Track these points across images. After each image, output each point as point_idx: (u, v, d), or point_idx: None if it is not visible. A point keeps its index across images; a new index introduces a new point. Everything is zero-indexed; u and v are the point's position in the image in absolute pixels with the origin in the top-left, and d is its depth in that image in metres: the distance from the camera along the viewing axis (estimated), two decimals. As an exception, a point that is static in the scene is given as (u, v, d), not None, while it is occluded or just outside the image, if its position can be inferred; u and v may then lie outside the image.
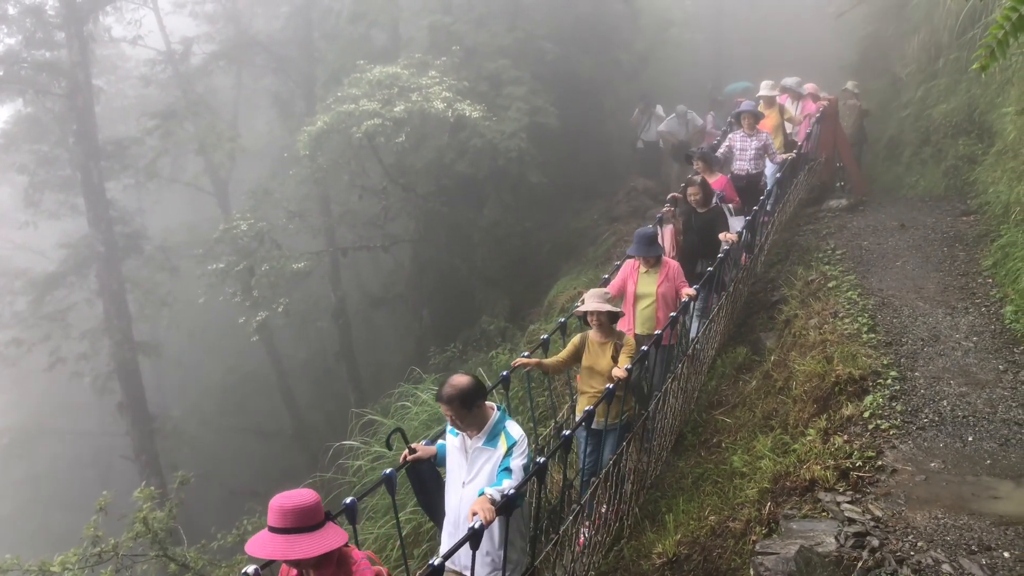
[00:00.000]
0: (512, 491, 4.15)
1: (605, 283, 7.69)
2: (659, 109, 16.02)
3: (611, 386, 5.55)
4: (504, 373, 5.91)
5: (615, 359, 6.02)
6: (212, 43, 22.81)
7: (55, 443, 27.75)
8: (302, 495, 3.20)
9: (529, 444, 4.54)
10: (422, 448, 4.69)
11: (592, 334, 6.23)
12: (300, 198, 19.66)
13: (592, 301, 6.17)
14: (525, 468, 4.34)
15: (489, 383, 6.37)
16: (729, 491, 6.16)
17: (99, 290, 19.32)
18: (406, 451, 4.64)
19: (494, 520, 3.97)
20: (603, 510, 5.93)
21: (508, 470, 4.27)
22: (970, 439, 5.56)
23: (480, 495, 4.09)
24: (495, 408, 4.51)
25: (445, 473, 4.69)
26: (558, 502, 5.74)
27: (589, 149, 18.78)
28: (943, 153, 12.49)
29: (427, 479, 4.75)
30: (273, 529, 3.15)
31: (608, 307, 6.12)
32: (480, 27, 16.88)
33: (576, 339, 6.33)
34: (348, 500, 4.03)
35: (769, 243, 10.52)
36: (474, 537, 3.74)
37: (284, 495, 3.20)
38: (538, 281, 15.95)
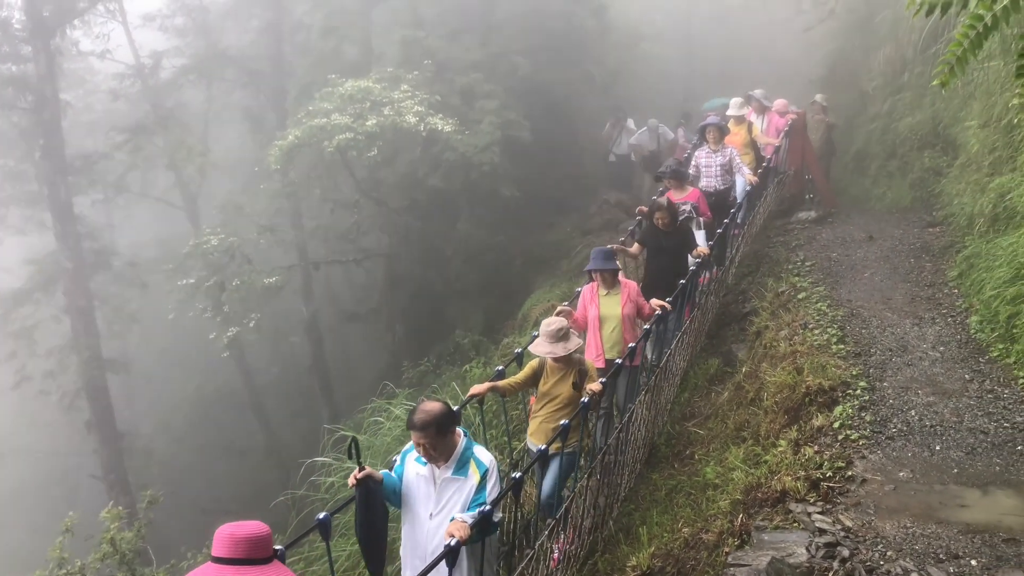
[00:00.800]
0: (488, 507, 4.10)
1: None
2: (630, 123, 16.14)
3: (585, 399, 5.43)
4: (456, 407, 5.58)
5: (576, 386, 5.84)
6: (182, 57, 22.62)
7: (21, 463, 27.19)
8: (256, 524, 2.98)
9: (501, 462, 4.46)
10: (371, 469, 4.24)
11: (550, 361, 6.00)
12: (271, 212, 19.51)
13: (544, 344, 5.88)
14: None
15: (462, 397, 6.27)
16: (702, 503, 6.17)
17: (66, 307, 19.00)
18: (356, 469, 4.20)
19: (468, 537, 3.88)
20: (560, 541, 5.74)
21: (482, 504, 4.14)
22: (938, 448, 5.62)
23: (452, 520, 4.01)
24: (461, 434, 4.36)
25: (400, 506, 4.45)
26: (532, 516, 5.71)
27: (562, 162, 18.85)
28: (909, 166, 12.70)
29: (375, 505, 4.29)
30: (220, 560, 2.89)
31: (560, 351, 5.82)
32: (452, 41, 16.94)
33: (535, 362, 6.12)
34: (321, 515, 3.97)
35: (740, 255, 10.61)
36: (451, 554, 3.65)
37: (235, 524, 2.97)
38: (512, 294, 15.95)
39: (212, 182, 23.24)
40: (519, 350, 6.59)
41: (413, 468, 4.39)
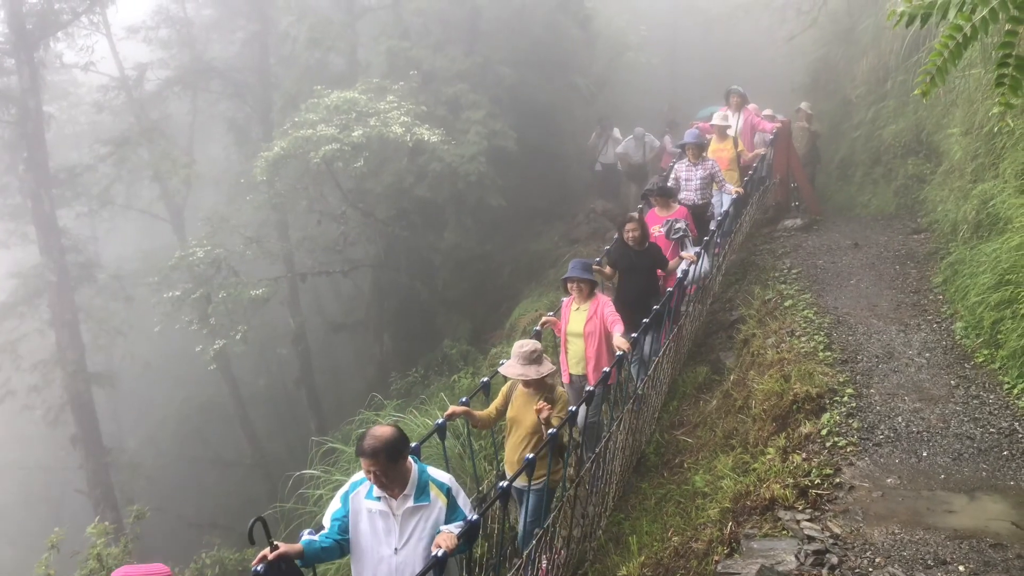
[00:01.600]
0: (476, 517, 4.06)
1: (537, 336, 7.02)
2: (616, 132, 16.19)
3: (552, 430, 5.18)
4: (440, 420, 5.54)
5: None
6: (167, 69, 22.59)
7: (5, 478, 26.97)
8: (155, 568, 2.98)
9: (469, 493, 4.32)
10: (286, 545, 3.81)
11: (521, 384, 5.76)
12: (258, 224, 19.47)
13: (515, 366, 5.60)
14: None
15: (439, 416, 6.01)
16: (691, 511, 6.17)
17: (51, 320, 18.87)
18: (267, 549, 3.77)
19: (455, 548, 3.84)
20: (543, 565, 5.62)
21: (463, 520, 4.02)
22: (925, 454, 5.65)
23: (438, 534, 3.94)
24: (411, 461, 4.07)
25: (348, 552, 4.11)
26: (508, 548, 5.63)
27: (548, 172, 18.90)
28: (893, 173, 12.80)
29: None
30: None
31: (532, 374, 5.54)
32: (438, 52, 16.96)
33: (506, 386, 5.90)
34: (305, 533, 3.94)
35: (726, 263, 10.65)
36: (437, 565, 3.63)
37: (131, 566, 3.00)
38: (499, 304, 15.97)
39: (197, 194, 23.19)
40: (485, 379, 6.28)
41: (364, 505, 4.05)
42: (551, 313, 7.48)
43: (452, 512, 4.03)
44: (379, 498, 3.99)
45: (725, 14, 22.32)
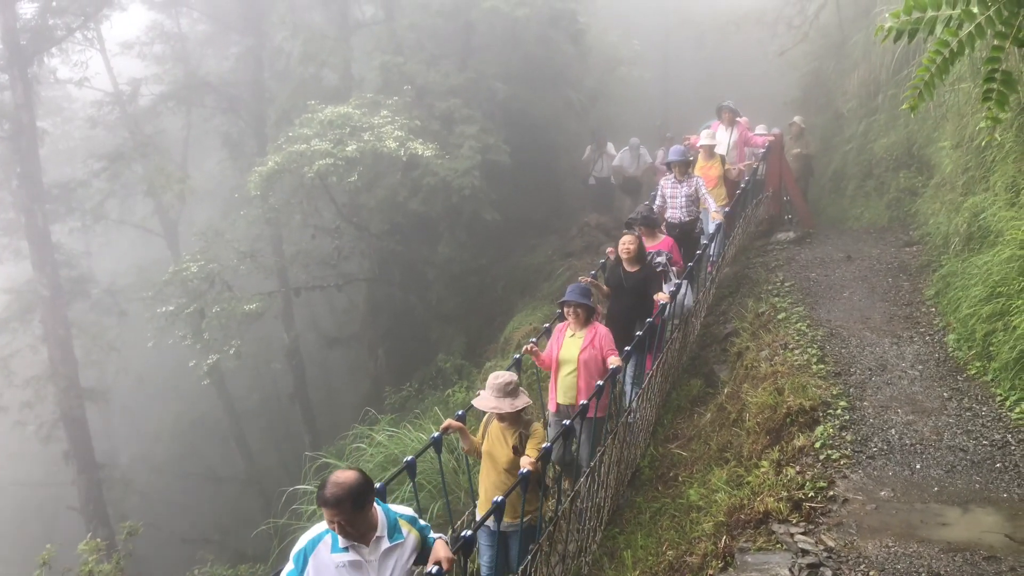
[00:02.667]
0: (472, 532, 4.03)
1: (518, 364, 6.90)
2: (610, 147, 16.26)
3: (526, 469, 4.90)
4: (435, 434, 5.41)
5: (517, 450, 5.28)
6: (161, 84, 22.61)
7: (-3, 495, 26.79)
8: None
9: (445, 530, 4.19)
10: None
11: (495, 418, 5.46)
12: (252, 238, 19.46)
13: (489, 398, 5.34)
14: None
15: (434, 430, 5.94)
16: (686, 525, 6.16)
17: (44, 336, 18.81)
18: None
19: (453, 559, 3.79)
20: None
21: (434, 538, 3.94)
22: (918, 467, 5.65)
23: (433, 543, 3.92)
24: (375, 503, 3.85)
25: None
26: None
27: (542, 186, 18.95)
28: (885, 186, 12.87)
29: None
30: None
31: (506, 407, 5.28)
32: (431, 67, 17.02)
33: (485, 419, 5.62)
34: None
35: (719, 277, 10.68)
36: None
37: None
38: (494, 317, 15.96)
39: (191, 208, 23.20)
40: (460, 412, 5.92)
41: (330, 561, 3.70)
42: (534, 340, 7.15)
43: (423, 541, 3.93)
44: (346, 548, 3.69)
45: (717, 28, 22.46)
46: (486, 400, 5.33)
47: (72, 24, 18.85)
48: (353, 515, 3.60)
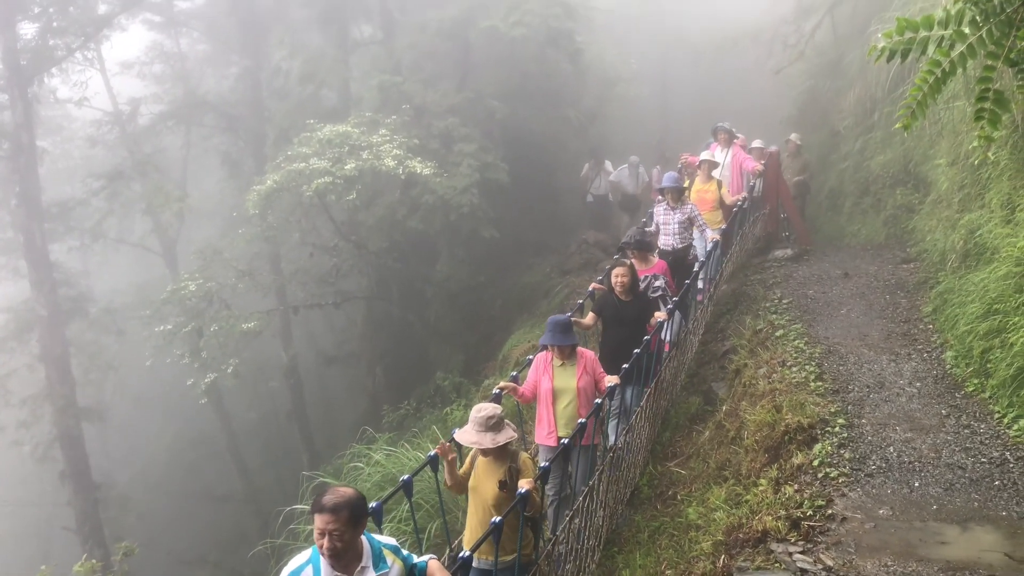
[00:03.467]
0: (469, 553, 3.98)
1: (515, 379, 6.80)
2: (608, 164, 16.32)
3: (522, 490, 4.69)
4: (431, 453, 5.25)
5: (504, 485, 5.02)
6: (160, 103, 22.74)
7: (-7, 515, 26.63)
8: None
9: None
10: None
11: (479, 453, 5.23)
12: (250, 257, 19.46)
13: (471, 432, 5.09)
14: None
15: (443, 439, 5.80)
16: (685, 544, 6.13)
17: (41, 355, 18.75)
18: None
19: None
20: None
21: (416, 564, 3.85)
22: (916, 485, 5.64)
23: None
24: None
25: None
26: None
27: (540, 203, 19.00)
28: (882, 203, 12.90)
29: None
30: None
31: (487, 443, 5.01)
32: (430, 86, 17.12)
33: (471, 453, 5.37)
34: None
35: (716, 295, 10.69)
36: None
37: None
38: (492, 335, 15.95)
39: (190, 227, 23.22)
40: (432, 453, 5.50)
41: None
42: (515, 373, 6.96)
43: (406, 571, 3.85)
44: None
45: (714, 47, 22.59)
46: (467, 435, 5.10)
47: (72, 44, 18.96)
48: (347, 527, 3.50)
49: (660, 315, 7.54)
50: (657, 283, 8.39)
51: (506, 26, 16.14)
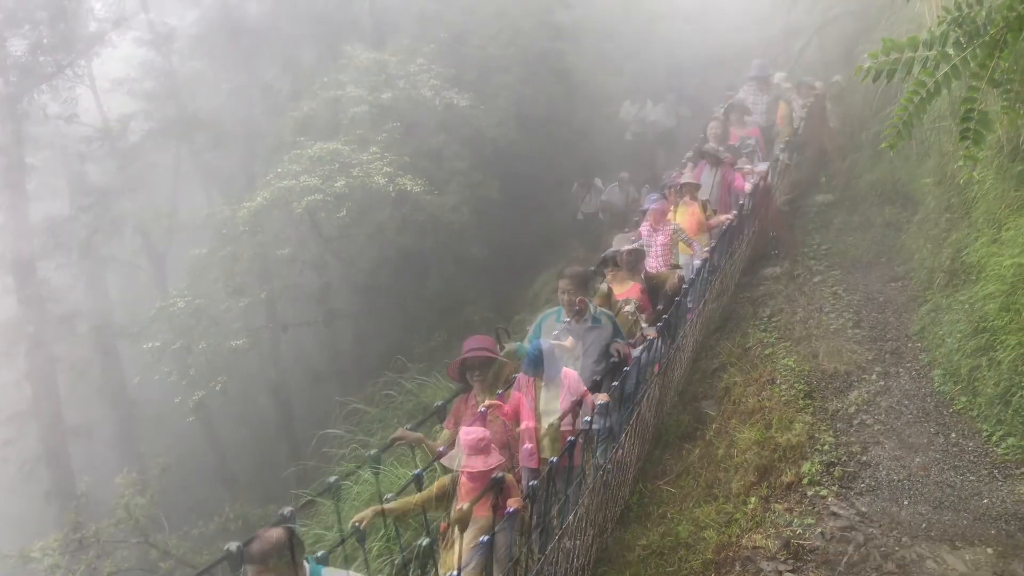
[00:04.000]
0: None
1: (500, 397, 6.55)
2: (598, 182, 16.37)
3: (510, 510, 4.69)
4: (418, 470, 5.19)
5: (496, 507, 4.81)
6: (151, 120, 22.68)
7: (-24, 535, 26.28)
8: None
9: None
10: None
11: (464, 478, 5.16)
12: (240, 274, 19.41)
13: (460, 454, 5.01)
14: None
15: (418, 467, 5.56)
16: (675, 563, 6.10)
17: (27, 372, 18.64)
18: None
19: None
20: None
21: None
22: (906, 503, 5.64)
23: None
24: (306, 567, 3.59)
25: None
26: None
27: (531, 221, 19.02)
28: (871, 221, 12.94)
29: None
30: None
31: (479, 465, 4.94)
32: (419, 105, 17.16)
33: (446, 479, 5.31)
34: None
35: (707, 311, 10.68)
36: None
37: None
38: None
39: (179, 244, 23.09)
40: (418, 470, 5.46)
41: None
42: (500, 392, 6.69)
43: None
44: None
45: (701, 67, 22.74)
46: (457, 458, 5.01)
47: (62, 62, 18.95)
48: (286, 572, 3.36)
49: (620, 347, 6.92)
50: (627, 308, 7.85)
51: (497, 46, 16.24)
